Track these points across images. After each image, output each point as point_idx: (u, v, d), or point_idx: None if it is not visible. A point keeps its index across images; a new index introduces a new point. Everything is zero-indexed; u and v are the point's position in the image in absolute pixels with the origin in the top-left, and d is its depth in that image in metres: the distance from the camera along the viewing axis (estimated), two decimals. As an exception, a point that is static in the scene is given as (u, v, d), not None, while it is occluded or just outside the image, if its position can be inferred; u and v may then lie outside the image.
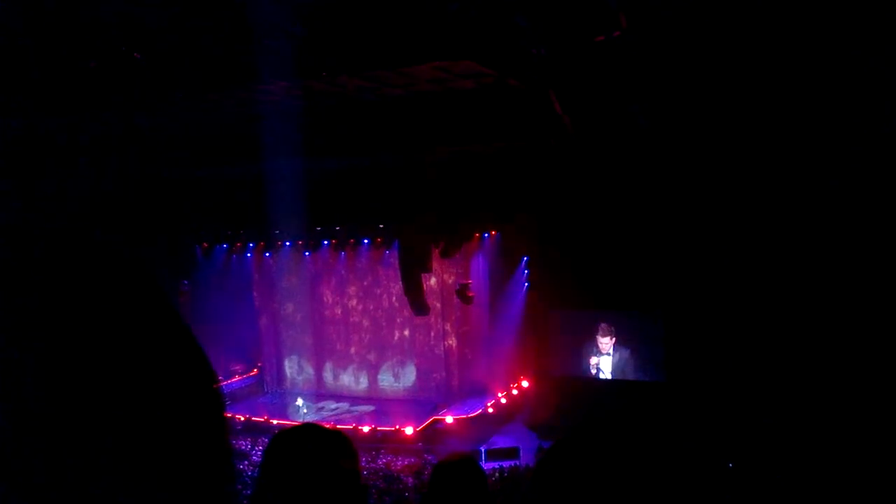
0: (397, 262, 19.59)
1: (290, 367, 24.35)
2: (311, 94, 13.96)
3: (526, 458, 16.58)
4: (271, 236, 22.31)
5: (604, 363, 19.15)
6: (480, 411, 19.56)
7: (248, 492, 1.81)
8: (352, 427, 18.79)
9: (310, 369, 24.00)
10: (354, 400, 22.80)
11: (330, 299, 23.49)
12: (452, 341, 21.68)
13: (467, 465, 2.63)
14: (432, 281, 20.48)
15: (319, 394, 23.38)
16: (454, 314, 21.37)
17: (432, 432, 18.62)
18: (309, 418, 20.42)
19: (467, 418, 19.22)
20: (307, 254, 23.08)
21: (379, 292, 22.76)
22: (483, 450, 17.27)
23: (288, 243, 22.73)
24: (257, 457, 15.92)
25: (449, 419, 19.05)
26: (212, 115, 14.93)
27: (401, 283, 19.01)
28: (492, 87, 13.99)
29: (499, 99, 14.15)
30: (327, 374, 23.80)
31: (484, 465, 16.02)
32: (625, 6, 9.99)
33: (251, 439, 18.17)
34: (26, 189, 13.14)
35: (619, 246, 17.18)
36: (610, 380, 19.06)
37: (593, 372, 19.23)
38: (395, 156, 16.17)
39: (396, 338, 22.73)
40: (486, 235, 20.99)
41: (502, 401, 20.31)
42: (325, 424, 1.87)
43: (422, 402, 21.23)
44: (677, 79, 12.25)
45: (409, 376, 22.63)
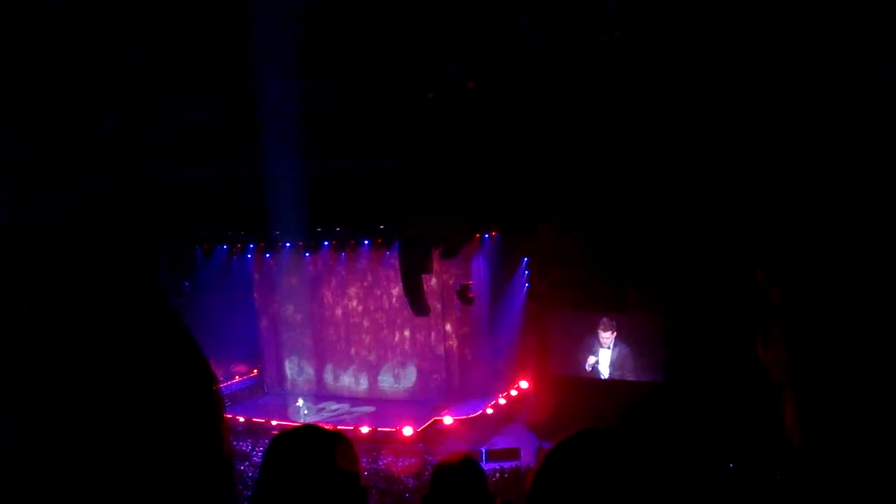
0: (397, 263, 19.60)
1: (291, 368, 24.34)
2: (310, 94, 13.97)
3: (526, 458, 16.58)
4: (271, 237, 22.34)
5: (603, 358, 19.09)
6: (481, 412, 19.55)
7: (249, 493, 1.81)
8: (352, 428, 18.78)
9: (310, 370, 23.99)
10: (355, 401, 22.79)
11: (330, 300, 23.49)
12: (453, 342, 21.68)
13: (467, 465, 2.63)
14: (433, 282, 20.48)
15: (320, 395, 23.37)
16: (454, 315, 21.38)
17: (433, 433, 18.62)
18: (309, 419, 20.43)
19: (468, 419, 19.22)
20: (307, 255, 23.09)
21: (379, 293, 22.76)
22: (484, 450, 17.26)
23: (288, 244, 22.73)
24: (258, 458, 15.92)
25: (449, 420, 19.04)
26: (210, 116, 14.93)
27: (401, 283, 18.98)
28: (491, 88, 14.00)
29: (498, 99, 14.15)
30: (328, 375, 23.79)
31: (484, 466, 16.01)
32: (624, 8, 10.01)
33: (252, 440, 18.17)
34: (26, 190, 13.14)
35: (619, 246, 17.19)
36: (610, 380, 19.06)
37: (588, 370, 19.21)
38: (394, 157, 16.18)
39: (397, 339, 22.73)
40: (486, 236, 20.99)
41: (502, 401, 20.30)
42: (326, 425, 1.87)
43: (422, 402, 21.23)
44: (677, 79, 12.25)
45: (410, 377, 22.63)
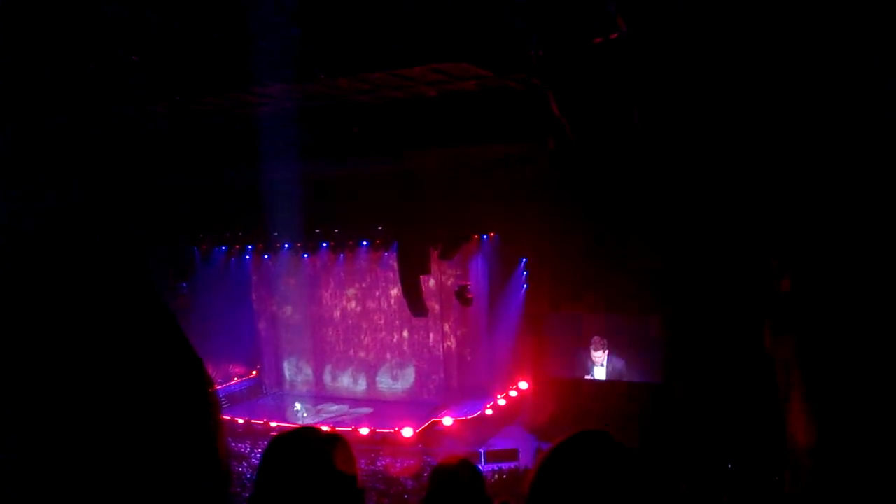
0: (396, 264, 19.60)
1: (289, 369, 24.33)
2: (308, 96, 13.95)
3: (525, 459, 16.58)
4: (270, 239, 22.32)
5: (598, 374, 19.32)
6: (479, 413, 19.54)
7: (248, 494, 1.82)
8: (351, 429, 18.76)
9: (309, 371, 23.98)
10: (353, 402, 22.78)
11: (329, 301, 23.48)
12: (451, 343, 21.67)
13: (465, 468, 2.63)
14: (431, 283, 20.47)
15: (318, 396, 23.36)
16: (453, 316, 21.37)
17: (431, 434, 18.61)
18: (308, 420, 20.41)
19: (466, 420, 19.21)
20: (306, 256, 23.08)
21: (378, 294, 22.75)
22: (482, 451, 17.25)
23: (286, 245, 22.72)
24: (256, 459, 15.88)
25: (448, 421, 19.03)
26: (209, 118, 14.91)
27: (399, 284, 19.00)
28: (490, 89, 13.99)
29: (497, 100, 14.15)
30: (326, 376, 23.78)
31: (483, 467, 16.08)
32: (623, 9, 10.01)
33: (250, 442, 18.15)
34: (22, 192, 13.12)
35: (617, 247, 17.19)
36: (608, 381, 19.09)
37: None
38: (393, 158, 16.17)
39: (395, 340, 22.72)
40: (484, 237, 20.99)
41: (501, 402, 20.29)
42: (324, 426, 1.87)
43: (421, 403, 21.23)
44: (675, 80, 12.25)
45: (408, 378, 22.62)
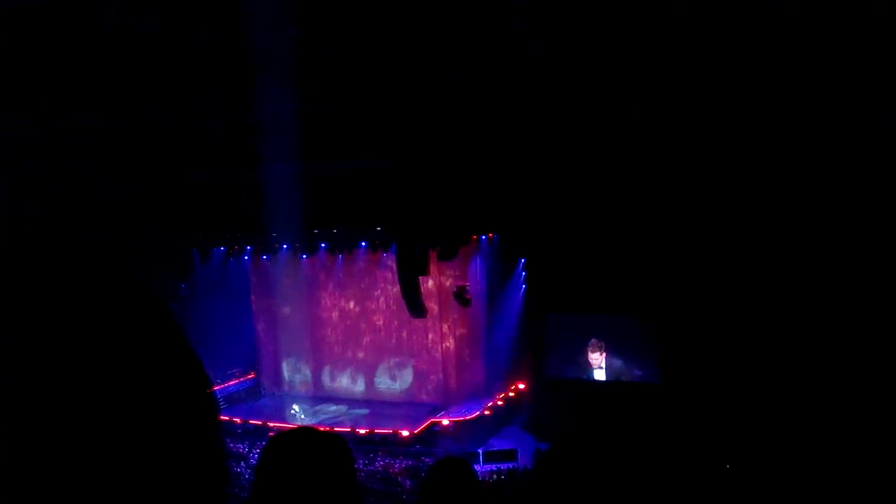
0: (394, 265, 19.59)
1: (288, 369, 24.31)
2: (307, 96, 13.96)
3: (523, 460, 16.59)
4: (269, 239, 22.32)
5: (597, 376, 19.41)
6: (478, 413, 19.55)
7: (246, 494, 1.82)
8: (349, 429, 18.76)
9: (307, 372, 23.97)
10: (352, 402, 22.77)
11: (327, 302, 23.48)
12: (450, 343, 21.67)
13: (461, 467, 2.64)
14: (430, 283, 20.47)
15: (317, 396, 23.35)
16: (452, 316, 21.37)
17: (430, 434, 18.61)
18: (307, 421, 20.41)
19: (465, 420, 19.21)
20: (304, 257, 23.07)
21: (376, 295, 22.75)
22: (481, 452, 17.27)
23: (285, 246, 22.71)
24: (255, 459, 15.88)
25: (447, 421, 19.04)
26: (208, 118, 14.92)
27: (398, 285, 18.99)
28: (489, 89, 13.99)
29: (496, 101, 14.16)
30: (325, 376, 23.77)
31: (482, 468, 16.09)
32: (622, 9, 10.02)
33: (249, 442, 18.15)
34: (21, 191, 13.12)
35: (617, 249, 17.20)
36: (607, 382, 19.12)
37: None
38: (392, 158, 16.17)
39: (394, 340, 22.71)
40: (483, 238, 20.99)
41: (500, 403, 20.31)
42: (323, 427, 1.88)
43: (419, 404, 21.22)
44: (674, 80, 12.26)
45: (407, 379, 22.62)
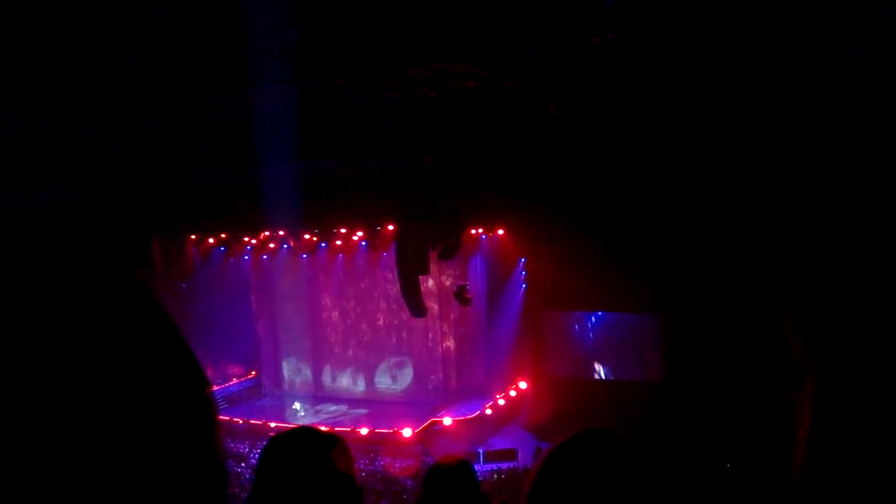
0: (395, 264, 19.57)
1: (288, 369, 24.30)
2: (306, 96, 13.95)
3: (524, 459, 16.57)
4: (269, 239, 22.31)
5: (598, 375, 19.52)
6: (479, 413, 19.54)
7: (246, 494, 1.82)
8: (350, 429, 18.75)
9: (308, 372, 23.96)
10: (353, 402, 22.76)
11: (327, 301, 23.47)
12: (450, 343, 21.66)
13: (460, 467, 2.62)
14: (430, 283, 20.46)
15: (317, 396, 23.34)
16: (452, 316, 21.36)
17: (431, 434, 18.60)
18: (307, 421, 20.40)
19: (466, 420, 19.20)
20: (304, 256, 23.06)
21: (376, 294, 22.73)
22: (481, 451, 17.26)
23: (285, 246, 22.71)
24: (255, 460, 15.87)
25: (447, 421, 19.02)
26: (207, 117, 14.91)
27: (398, 285, 18.97)
28: (488, 89, 13.98)
29: (495, 101, 14.15)
30: (325, 376, 23.76)
31: (482, 467, 16.08)
32: (620, 10, 10.01)
33: (249, 442, 18.14)
34: (19, 191, 13.10)
35: (617, 247, 17.17)
36: (608, 381, 19.11)
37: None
38: (392, 158, 16.16)
39: (394, 340, 22.70)
40: (483, 236, 20.98)
41: (500, 402, 20.29)
42: (323, 427, 1.87)
43: (420, 403, 21.20)
44: (673, 80, 12.24)
45: (407, 378, 22.61)
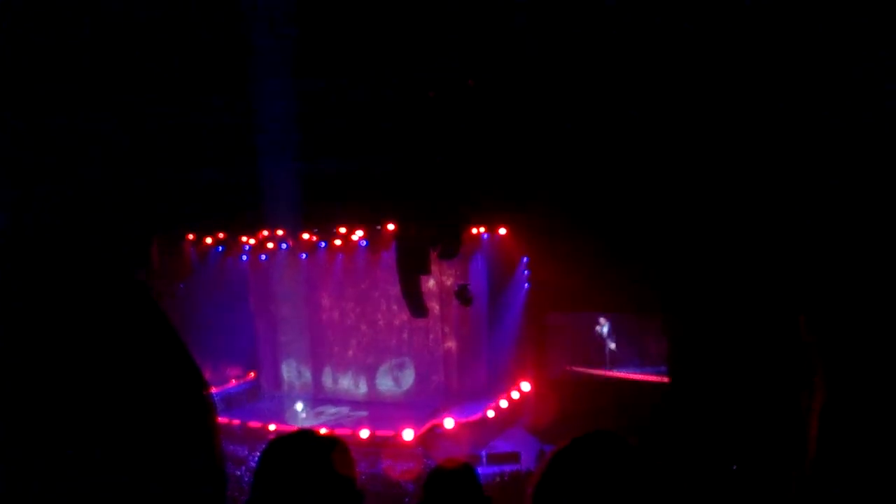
0: (395, 265, 19.51)
1: (288, 371, 24.25)
2: (306, 95, 13.94)
3: (527, 462, 16.51)
4: (267, 239, 22.27)
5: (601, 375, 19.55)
6: (481, 415, 19.47)
7: (246, 498, 1.78)
8: (350, 432, 18.68)
9: (307, 373, 23.91)
10: (353, 404, 22.71)
11: (327, 302, 23.42)
12: (452, 344, 21.60)
13: (461, 471, 2.56)
14: (431, 283, 20.41)
15: (318, 398, 23.28)
16: (453, 316, 21.30)
17: (432, 437, 18.52)
18: (307, 423, 20.34)
19: (468, 422, 19.12)
20: (303, 256, 23.03)
21: (376, 295, 22.68)
22: (484, 454, 17.18)
23: (284, 246, 22.68)
24: (254, 462, 15.81)
25: (449, 423, 18.95)
26: (206, 117, 14.89)
27: (399, 285, 18.92)
28: (488, 90, 13.96)
29: (495, 100, 14.12)
30: (325, 378, 23.70)
31: (485, 470, 16.01)
32: (620, 10, 9.98)
33: (249, 445, 18.07)
34: (19, 191, 13.07)
35: (620, 246, 17.13)
36: (612, 381, 19.05)
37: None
38: (392, 158, 16.15)
39: (395, 341, 22.65)
40: (485, 236, 20.94)
41: (503, 404, 20.23)
42: (324, 429, 1.80)
43: (421, 405, 21.13)
44: (672, 80, 12.21)
45: (408, 380, 22.55)
